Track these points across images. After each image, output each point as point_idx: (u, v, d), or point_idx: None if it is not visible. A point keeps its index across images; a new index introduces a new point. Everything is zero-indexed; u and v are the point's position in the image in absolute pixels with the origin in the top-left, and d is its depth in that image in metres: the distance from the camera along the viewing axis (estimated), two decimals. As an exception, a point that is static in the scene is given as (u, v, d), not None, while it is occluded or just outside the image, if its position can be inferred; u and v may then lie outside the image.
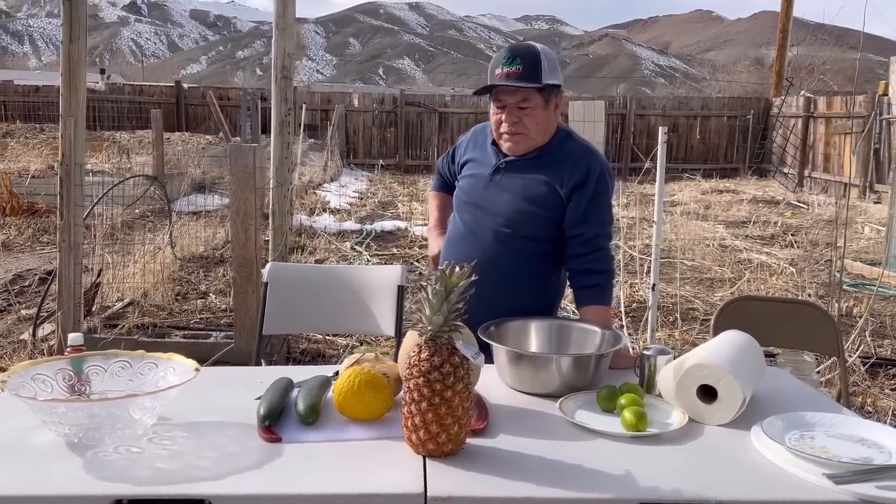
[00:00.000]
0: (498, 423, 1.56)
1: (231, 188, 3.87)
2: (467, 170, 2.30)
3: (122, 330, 4.19)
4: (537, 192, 2.13)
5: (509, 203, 2.15)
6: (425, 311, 1.36)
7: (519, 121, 2.10)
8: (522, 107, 2.09)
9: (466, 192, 2.26)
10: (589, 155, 2.18)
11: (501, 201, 2.16)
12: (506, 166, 2.18)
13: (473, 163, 2.29)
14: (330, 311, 2.60)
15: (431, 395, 1.34)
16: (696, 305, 5.06)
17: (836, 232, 4.95)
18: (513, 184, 2.16)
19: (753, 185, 13.32)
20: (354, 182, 12.88)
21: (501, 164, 2.19)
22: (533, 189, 2.14)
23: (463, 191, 2.29)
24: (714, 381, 1.58)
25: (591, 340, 1.89)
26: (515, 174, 2.17)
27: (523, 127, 2.11)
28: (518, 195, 2.15)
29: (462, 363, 1.37)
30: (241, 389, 1.74)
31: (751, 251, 7.01)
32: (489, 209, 2.18)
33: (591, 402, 1.66)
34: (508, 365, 1.76)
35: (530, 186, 2.14)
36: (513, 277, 2.15)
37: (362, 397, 1.50)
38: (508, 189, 2.16)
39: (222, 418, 1.57)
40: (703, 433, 1.55)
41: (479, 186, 2.22)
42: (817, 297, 5.19)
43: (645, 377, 1.74)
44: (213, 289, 5.16)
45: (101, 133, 14.65)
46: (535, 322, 1.97)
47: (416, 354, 1.38)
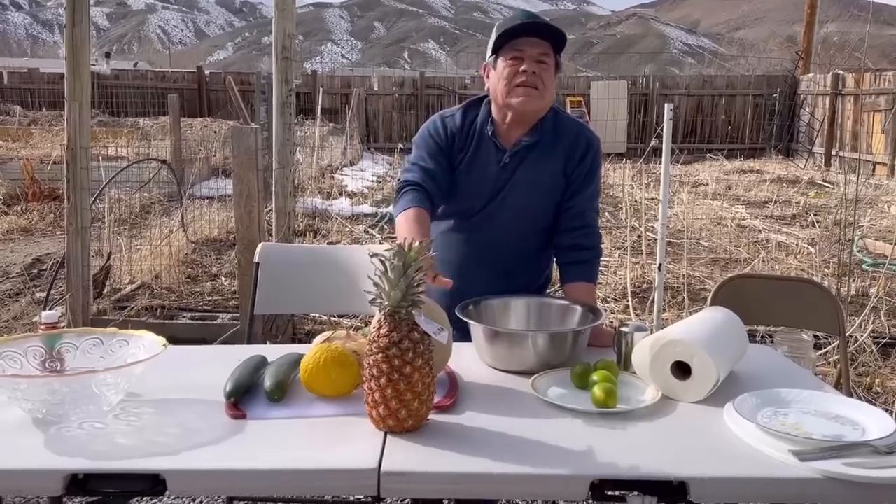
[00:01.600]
0: (468, 400, 1.54)
1: (234, 170, 3.88)
2: (464, 166, 2.10)
3: (131, 312, 4.24)
4: (550, 179, 2.07)
5: (523, 199, 2.06)
6: (384, 286, 1.34)
7: (536, 73, 1.98)
8: (541, 60, 1.99)
9: (471, 190, 2.08)
10: (583, 128, 2.13)
11: (515, 197, 2.06)
12: (511, 160, 2.06)
13: (470, 157, 2.10)
14: (322, 291, 2.60)
15: (390, 371, 1.33)
16: (708, 286, 4.98)
17: (854, 210, 4.83)
18: (524, 177, 2.06)
19: (778, 164, 13.07)
20: (374, 166, 12.89)
21: (506, 160, 2.06)
22: (547, 177, 2.06)
23: (465, 188, 2.09)
24: (688, 358, 1.55)
25: (571, 318, 1.87)
26: (524, 166, 2.06)
27: (540, 81, 1.98)
28: (533, 189, 2.06)
29: (423, 339, 1.36)
30: (217, 367, 1.73)
31: (769, 231, 6.88)
32: (501, 205, 2.07)
33: (565, 380, 1.64)
34: (485, 342, 1.74)
35: (543, 175, 2.06)
36: (517, 269, 2.11)
37: (328, 374, 1.50)
38: (521, 183, 2.06)
39: (192, 395, 1.57)
40: (674, 410, 1.52)
41: (488, 184, 2.07)
42: (834, 277, 5.08)
43: (622, 354, 1.71)
44: (224, 272, 5.20)
45: (124, 119, 14.83)
46: (515, 300, 1.94)
47: (377, 330, 1.36)
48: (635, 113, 15.78)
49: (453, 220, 2.14)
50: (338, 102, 15.89)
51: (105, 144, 10.07)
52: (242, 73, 17.91)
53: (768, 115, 15.70)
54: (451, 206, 2.13)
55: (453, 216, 2.14)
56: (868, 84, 13.08)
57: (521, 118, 2.06)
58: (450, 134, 2.11)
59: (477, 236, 2.10)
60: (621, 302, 4.55)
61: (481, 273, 2.08)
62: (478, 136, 2.10)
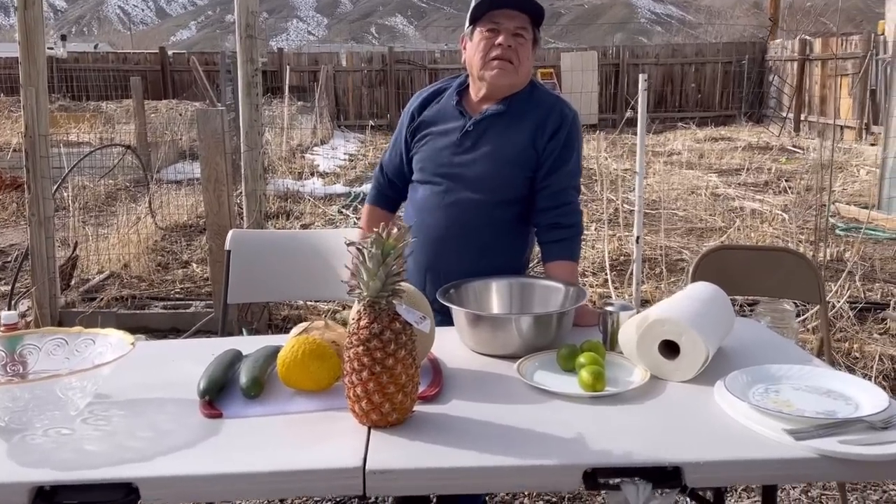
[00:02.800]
0: (453, 388, 1.50)
1: (201, 154, 3.77)
2: (427, 138, 2.07)
3: (101, 303, 4.13)
4: (514, 151, 1.99)
5: (485, 169, 1.98)
6: (362, 276, 1.28)
7: (513, 48, 1.93)
8: (518, 34, 1.94)
9: (432, 162, 2.05)
10: (561, 102, 2.07)
11: (476, 168, 1.99)
12: (475, 128, 2.00)
13: (433, 127, 2.07)
14: (297, 277, 2.53)
15: (372, 364, 1.27)
16: (685, 256, 4.98)
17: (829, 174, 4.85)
18: (486, 146, 1.99)
19: (748, 131, 13.14)
20: (345, 144, 12.72)
21: (469, 127, 2.00)
22: (509, 149, 1.99)
23: (427, 162, 2.06)
24: (676, 337, 1.51)
25: (555, 298, 1.82)
26: (487, 135, 2.00)
27: (515, 56, 1.94)
28: (494, 159, 1.98)
29: (405, 329, 1.30)
30: (190, 363, 1.66)
31: (743, 199, 6.91)
32: (461, 178, 2.00)
33: (551, 363, 1.59)
34: (468, 327, 1.69)
35: (506, 146, 1.98)
36: (491, 244, 2.03)
37: (306, 367, 1.44)
38: (482, 153, 1.99)
39: (164, 394, 1.50)
40: (664, 391, 1.49)
41: (447, 154, 2.02)
42: (808, 243, 5.11)
43: (608, 334, 1.67)
44: (196, 258, 5.09)
45: (86, 104, 14.45)
46: (496, 281, 1.89)
47: (356, 322, 1.30)
48: (606, 84, 15.73)
49: (422, 189, 2.09)
50: (306, 80, 15.62)
51: (67, 130, 9.81)
52: (207, 53, 17.51)
53: (737, 82, 15.75)
54: (418, 173, 2.10)
55: (422, 185, 2.09)
56: (835, 48, 13.16)
57: (495, 92, 2.01)
58: (416, 107, 2.13)
59: (446, 207, 2.03)
60: (600, 276, 4.53)
61: (456, 249, 2.01)
62: (443, 104, 2.09)
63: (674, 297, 1.68)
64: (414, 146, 2.12)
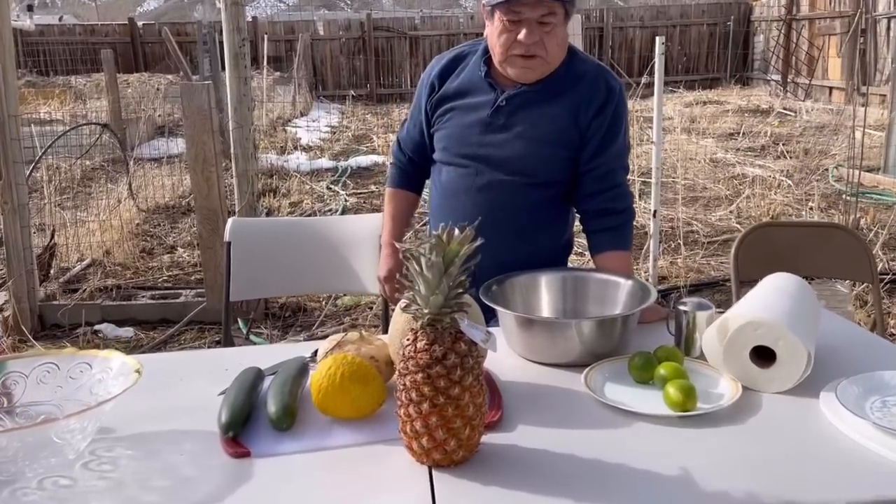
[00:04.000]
0: (514, 409, 1.28)
1: (186, 133, 3.49)
2: (451, 114, 1.83)
3: (84, 294, 3.87)
4: (552, 128, 1.75)
5: (520, 148, 1.76)
6: (419, 290, 1.06)
7: (539, 41, 1.67)
8: (544, 22, 1.67)
9: (458, 141, 1.81)
10: (605, 72, 1.81)
11: (510, 147, 1.76)
12: (507, 103, 1.76)
13: (458, 100, 1.82)
14: (304, 270, 2.30)
15: (434, 395, 1.06)
16: (695, 227, 4.80)
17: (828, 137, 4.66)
18: (521, 123, 1.75)
19: (737, 94, 12.96)
20: (326, 116, 12.35)
21: (502, 102, 1.76)
22: (547, 126, 1.75)
23: (452, 141, 1.82)
24: (771, 342, 1.31)
25: (614, 295, 1.61)
26: (523, 111, 1.76)
27: (542, 49, 1.68)
28: (530, 137, 1.75)
29: (470, 350, 1.08)
30: (201, 382, 1.44)
31: (744, 165, 6.73)
32: (493, 158, 1.77)
33: (621, 373, 1.39)
34: (518, 331, 1.48)
35: (544, 124, 1.75)
36: (527, 231, 1.80)
37: (347, 393, 1.21)
38: (517, 131, 1.76)
39: (177, 425, 1.28)
40: (761, 405, 1.29)
41: (476, 132, 1.78)
42: (819, 211, 4.95)
43: (682, 338, 1.47)
44: (181, 242, 4.81)
45: (54, 79, 13.90)
46: (545, 275, 1.67)
47: (411, 343, 1.08)
48: (590, 48, 15.43)
49: (447, 171, 1.86)
50: (282, 50, 15.13)
51: (37, 107, 9.37)
52: (178, 24, 16.91)
53: (723, 44, 15.52)
54: (441, 153, 1.87)
55: (446, 167, 1.86)
56: (823, 7, 12.95)
57: (523, 80, 1.77)
58: (436, 76, 1.87)
59: (477, 191, 1.80)
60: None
61: (490, 237, 1.77)
62: (469, 74, 1.83)
63: (757, 292, 1.47)
64: (436, 122, 1.87)
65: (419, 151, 1.96)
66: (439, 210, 1.89)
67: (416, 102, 1.94)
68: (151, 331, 3.70)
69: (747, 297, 1.45)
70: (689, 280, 3.82)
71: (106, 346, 3.55)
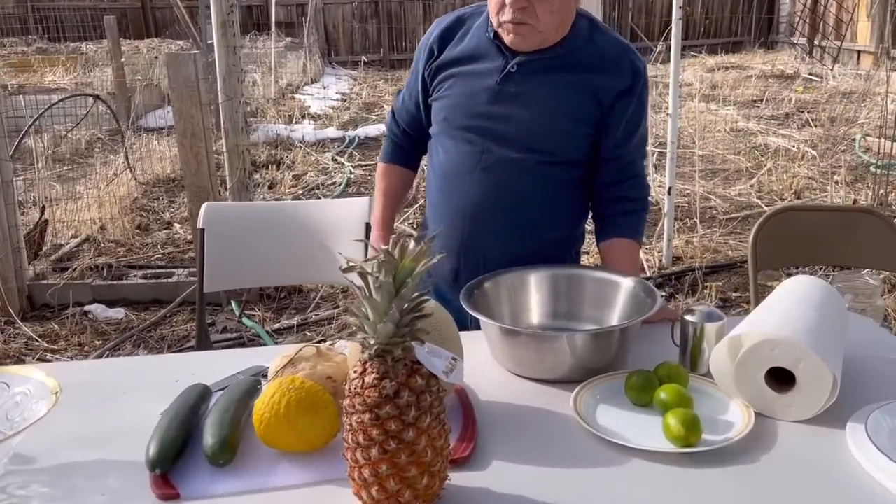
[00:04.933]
0: (489, 439, 1.12)
1: (174, 105, 3.31)
2: (452, 80, 1.61)
3: (74, 274, 3.74)
4: (571, 100, 1.55)
5: (535, 122, 1.55)
6: (366, 315, 0.88)
7: (528, 6, 1.47)
8: None
9: (462, 112, 1.59)
10: (629, 52, 1.59)
11: (521, 121, 1.55)
12: (519, 69, 1.55)
13: (461, 66, 1.60)
14: (286, 258, 2.13)
15: (384, 439, 0.89)
16: (713, 203, 4.57)
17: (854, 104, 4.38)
18: (535, 93, 1.55)
19: (761, 58, 12.52)
20: (337, 83, 12.10)
21: (512, 68, 1.55)
22: (565, 96, 1.55)
23: (455, 111, 1.60)
24: (790, 364, 1.13)
25: (614, 297, 1.42)
26: (536, 78, 1.55)
27: (532, 16, 1.48)
28: (544, 107, 1.55)
29: (429, 385, 0.91)
30: (145, 397, 1.29)
31: (766, 134, 6.44)
32: (503, 133, 1.56)
33: (617, 393, 1.21)
34: (502, 342, 1.31)
35: (561, 94, 1.55)
36: (540, 218, 1.60)
37: (293, 425, 1.05)
38: (528, 100, 1.55)
39: (107, 453, 1.13)
40: (776, 437, 1.11)
41: (482, 102, 1.56)
42: (846, 185, 4.70)
43: (688, 351, 1.29)
44: (179, 217, 4.67)
45: (64, 45, 13.74)
46: (535, 273, 1.49)
47: (359, 377, 0.91)
48: (610, 10, 14.96)
49: (447, 148, 1.63)
50: (293, 14, 14.82)
51: (42, 75, 9.23)
52: (188, -12, 16.60)
53: (747, 6, 14.98)
54: (441, 125, 1.64)
55: (447, 141, 1.63)
56: (853, -33, 12.39)
57: None
58: (436, 39, 1.65)
59: (484, 171, 1.58)
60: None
61: (499, 223, 1.59)
62: (475, 36, 1.61)
63: (773, 301, 1.28)
64: (434, 90, 1.65)
65: (414, 125, 1.76)
66: (439, 194, 1.67)
67: (413, 69, 1.73)
68: (143, 311, 3.58)
69: (764, 308, 1.26)
70: (705, 261, 3.61)
71: (95, 328, 3.43)
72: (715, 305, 3.14)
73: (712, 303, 3.13)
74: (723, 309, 3.04)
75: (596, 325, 1.41)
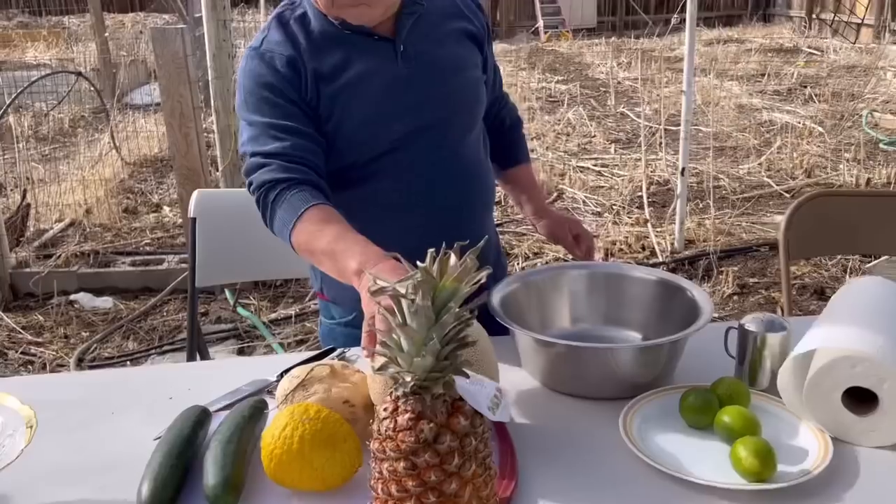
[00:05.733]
0: (532, 472, 0.98)
1: (161, 83, 3.13)
2: (342, 99, 1.26)
3: (59, 260, 3.57)
4: (466, 47, 1.35)
5: (452, 93, 1.32)
6: (399, 346, 0.73)
7: None
8: None
9: (373, 125, 1.27)
10: None
11: (439, 98, 1.30)
12: (407, 45, 1.27)
13: (339, 78, 1.26)
14: (285, 250, 1.96)
15: (422, 492, 0.74)
16: (723, 182, 4.42)
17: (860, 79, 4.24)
18: (433, 62, 1.30)
19: (759, 31, 12.32)
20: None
21: (400, 47, 1.27)
22: (461, 48, 1.34)
23: (365, 126, 1.27)
24: (873, 384, 0.99)
25: (656, 299, 1.28)
26: (427, 44, 1.30)
27: None
28: (455, 69, 1.33)
29: (473, 425, 0.77)
30: (136, 418, 1.15)
31: (771, 110, 6.29)
32: (425, 118, 1.29)
33: (668, 413, 1.07)
34: (536, 355, 1.17)
35: (458, 47, 1.34)
36: (490, 184, 1.44)
37: (308, 463, 0.91)
38: (434, 74, 1.30)
39: (91, 491, 0.98)
40: (857, 466, 0.98)
41: (389, 101, 1.27)
42: (857, 163, 4.56)
43: (746, 364, 1.15)
44: (168, 199, 4.48)
45: (47, 19, 13.38)
46: (572, 272, 1.34)
47: (390, 416, 0.76)
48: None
49: (381, 165, 1.31)
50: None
51: (24, 50, 8.96)
52: (173, -40, 16.17)
53: (744, -23, 14.75)
54: (356, 151, 1.30)
55: (377, 161, 1.30)
56: (853, -63, 12.17)
57: None
58: (286, 66, 1.25)
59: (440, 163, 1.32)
60: (633, 213, 3.95)
61: (471, 210, 1.39)
62: (322, 37, 1.27)
63: (842, 308, 1.14)
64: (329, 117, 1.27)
65: (320, 156, 1.26)
66: (387, 233, 1.16)
67: (269, 111, 1.24)
68: (132, 300, 3.42)
69: (833, 315, 1.12)
70: (720, 245, 3.47)
71: (82, 318, 3.27)
72: (732, 292, 3.01)
73: (729, 289, 3.00)
74: (741, 297, 2.92)
75: (639, 330, 1.27)
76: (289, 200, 1.19)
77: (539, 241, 3.59)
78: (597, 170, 4.74)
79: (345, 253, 1.10)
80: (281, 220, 1.21)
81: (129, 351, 2.98)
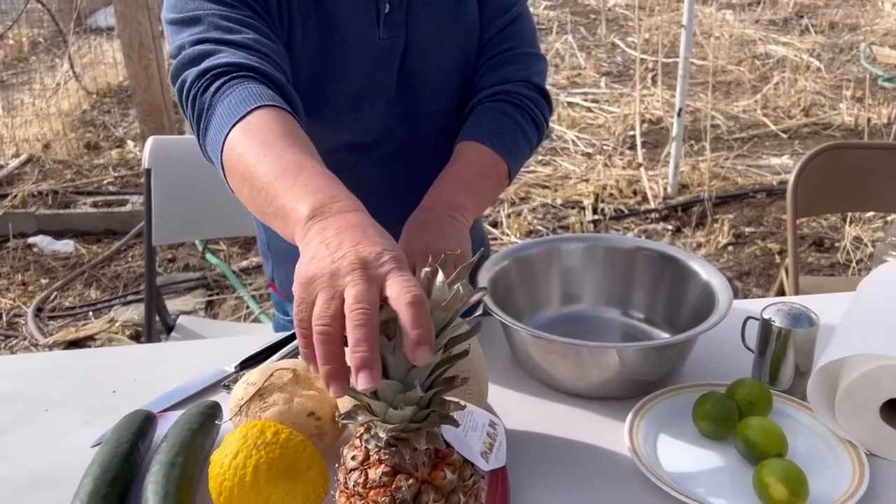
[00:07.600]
0: (523, 483, 0.85)
1: (116, 10, 2.86)
2: (313, 45, 1.01)
3: (15, 200, 3.36)
4: (468, 14, 1.10)
5: (447, 58, 1.10)
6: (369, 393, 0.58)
7: None
8: None
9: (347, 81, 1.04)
10: None
11: (433, 63, 1.09)
12: (394, 7, 1.04)
13: (319, 27, 1.01)
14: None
15: (398, 559, 0.61)
16: (717, 121, 4.24)
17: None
18: (432, 21, 1.08)
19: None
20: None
21: (384, 8, 1.03)
22: (461, 15, 1.09)
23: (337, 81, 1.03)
24: (920, 396, 0.86)
25: (666, 278, 1.14)
26: (419, 5, 1.06)
27: None
28: (452, 33, 1.10)
29: (462, 476, 0.63)
30: (72, 417, 1.01)
31: (766, 42, 6.05)
32: (414, 89, 1.09)
33: (681, 419, 0.95)
34: (530, 349, 1.03)
35: (456, 13, 1.09)
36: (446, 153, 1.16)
37: (265, 498, 0.77)
38: (433, 33, 1.08)
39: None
40: (893, 485, 0.86)
41: (368, 68, 1.05)
42: (854, 101, 4.39)
43: (767, 361, 1.01)
44: (132, 133, 4.23)
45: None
46: (564, 244, 1.20)
47: (359, 468, 0.62)
48: None
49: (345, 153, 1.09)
50: None
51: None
52: None
53: None
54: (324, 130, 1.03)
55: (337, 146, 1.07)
56: None
57: None
58: None
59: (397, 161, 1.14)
60: (625, 154, 3.77)
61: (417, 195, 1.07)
62: None
63: (877, 303, 1.00)
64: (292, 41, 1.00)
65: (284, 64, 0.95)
66: None
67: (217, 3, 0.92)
68: (95, 244, 3.23)
69: (868, 312, 0.98)
70: (714, 190, 3.33)
71: (41, 263, 3.09)
72: (728, 242, 2.89)
73: (724, 238, 2.87)
74: (736, 246, 2.79)
75: (643, 311, 1.15)
76: (237, 94, 0.82)
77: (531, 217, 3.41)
78: (587, 105, 4.54)
79: (296, 186, 0.71)
80: (218, 125, 0.82)
81: (91, 300, 2.81)
